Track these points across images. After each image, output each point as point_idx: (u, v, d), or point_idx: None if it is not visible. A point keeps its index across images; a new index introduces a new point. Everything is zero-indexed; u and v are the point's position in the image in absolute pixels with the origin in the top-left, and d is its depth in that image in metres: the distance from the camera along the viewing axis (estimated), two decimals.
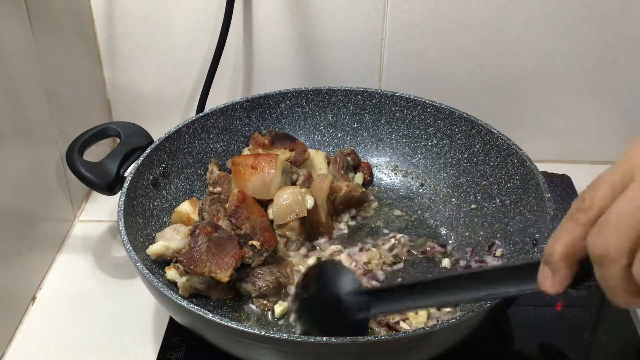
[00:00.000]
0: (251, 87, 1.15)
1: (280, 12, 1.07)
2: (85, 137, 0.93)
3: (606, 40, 1.06)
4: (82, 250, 1.01)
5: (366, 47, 1.10)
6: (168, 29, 1.09)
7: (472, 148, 1.00)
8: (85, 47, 1.09)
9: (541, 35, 1.07)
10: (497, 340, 0.84)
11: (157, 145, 0.94)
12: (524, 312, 0.87)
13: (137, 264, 0.76)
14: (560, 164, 1.15)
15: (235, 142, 1.06)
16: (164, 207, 0.95)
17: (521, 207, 0.90)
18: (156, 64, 1.13)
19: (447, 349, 0.73)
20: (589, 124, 1.15)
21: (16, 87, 0.87)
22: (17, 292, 0.89)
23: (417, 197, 1.04)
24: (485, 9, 1.05)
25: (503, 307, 0.76)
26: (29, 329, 0.88)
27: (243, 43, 1.11)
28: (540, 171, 0.88)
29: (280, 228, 0.91)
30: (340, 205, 0.98)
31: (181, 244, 0.87)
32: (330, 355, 0.70)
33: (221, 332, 0.71)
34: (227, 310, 0.86)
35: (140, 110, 1.17)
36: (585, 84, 1.11)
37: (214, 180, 0.96)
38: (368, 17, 1.07)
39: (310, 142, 1.09)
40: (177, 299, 0.71)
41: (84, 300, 0.92)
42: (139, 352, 0.84)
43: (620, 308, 0.61)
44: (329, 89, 1.07)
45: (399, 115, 1.06)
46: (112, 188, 0.90)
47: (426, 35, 1.07)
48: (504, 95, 1.13)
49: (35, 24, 0.91)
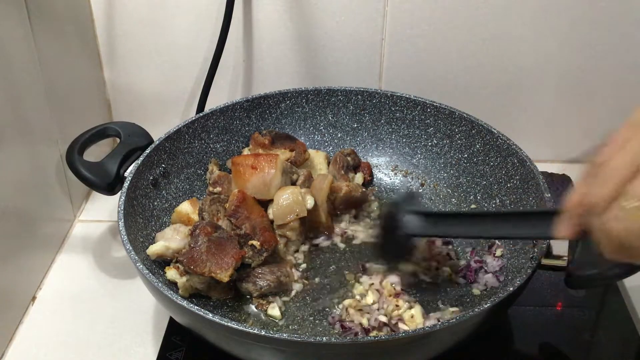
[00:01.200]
0: (251, 87, 1.15)
1: (280, 12, 1.07)
2: (85, 137, 0.93)
3: (606, 40, 1.06)
4: (82, 250, 1.01)
5: (366, 47, 1.10)
6: (168, 29, 1.09)
7: (472, 148, 1.00)
8: (85, 47, 1.09)
9: (541, 35, 1.07)
10: (497, 340, 0.84)
11: (157, 145, 0.94)
12: (524, 312, 0.87)
13: (137, 264, 0.76)
14: (560, 164, 1.15)
15: (235, 142, 1.06)
16: (164, 207, 0.95)
17: (521, 207, 0.90)
18: (156, 64, 1.13)
19: (447, 349, 0.73)
20: (589, 124, 1.15)
21: (16, 87, 0.87)
22: (17, 292, 0.89)
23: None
24: (485, 9, 1.05)
25: (503, 307, 0.76)
26: (29, 329, 0.88)
27: (243, 43, 1.11)
28: (540, 171, 0.88)
29: (280, 228, 0.91)
30: (340, 206, 0.98)
31: (181, 244, 0.87)
32: (330, 355, 0.70)
33: (221, 332, 0.71)
34: (227, 310, 0.86)
35: (140, 110, 1.17)
36: (585, 84, 1.11)
37: (214, 180, 0.96)
38: (368, 17, 1.07)
39: (310, 142, 1.09)
40: (177, 299, 0.71)
41: (84, 300, 0.92)
42: (139, 352, 0.84)
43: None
44: (329, 89, 1.07)
45: (399, 115, 1.06)
46: (112, 188, 0.90)
47: (426, 35, 1.08)
48: (504, 95, 1.13)
49: (35, 24, 0.91)
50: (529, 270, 0.74)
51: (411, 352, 0.72)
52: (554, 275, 0.82)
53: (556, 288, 0.91)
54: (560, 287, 0.90)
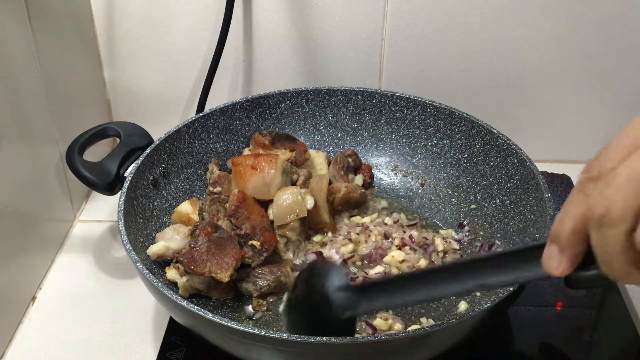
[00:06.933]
0: (251, 87, 1.15)
1: (280, 12, 1.07)
2: (85, 137, 0.93)
3: (606, 40, 1.06)
4: (82, 250, 1.01)
5: (366, 47, 1.10)
6: (168, 29, 1.09)
7: (472, 148, 1.00)
8: (85, 47, 1.09)
9: (541, 35, 1.07)
10: (497, 340, 0.84)
11: (157, 145, 0.94)
12: (524, 312, 0.87)
13: (137, 264, 0.76)
14: (560, 164, 1.15)
15: (235, 142, 1.06)
16: (164, 207, 0.95)
17: (521, 207, 0.90)
18: (156, 64, 1.13)
19: (447, 349, 0.73)
20: (589, 124, 1.15)
21: (16, 87, 0.87)
22: (17, 292, 0.89)
23: (417, 197, 1.04)
24: (485, 9, 1.05)
25: (503, 307, 0.76)
26: (29, 329, 0.88)
27: (243, 43, 1.11)
28: (540, 171, 0.88)
29: (280, 228, 0.91)
30: (339, 206, 0.98)
31: (181, 244, 0.87)
32: (330, 355, 0.70)
33: (221, 332, 0.71)
34: (227, 310, 0.86)
35: (140, 110, 1.17)
36: (585, 84, 1.11)
37: (214, 180, 0.96)
38: (368, 17, 1.07)
39: (310, 142, 1.09)
40: (177, 299, 0.71)
41: (84, 300, 0.92)
42: (139, 352, 0.84)
43: (615, 282, 0.56)
44: (329, 89, 1.07)
45: (399, 115, 1.06)
46: (112, 188, 0.90)
47: (426, 35, 1.08)
48: (504, 95, 1.13)
49: (35, 24, 0.91)
50: None
51: (411, 352, 0.72)
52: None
53: (556, 288, 0.91)
54: (560, 287, 0.90)
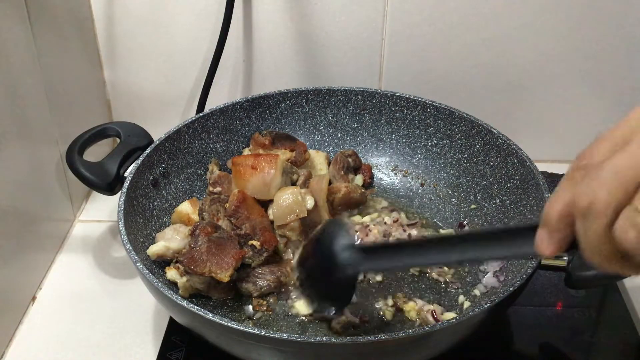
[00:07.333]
0: (251, 87, 1.15)
1: (280, 12, 1.07)
2: (85, 137, 0.93)
3: (606, 40, 1.06)
4: (82, 250, 1.01)
5: (366, 47, 1.10)
6: (168, 29, 1.09)
7: (472, 148, 1.00)
8: (85, 47, 1.09)
9: (541, 35, 1.07)
10: (497, 340, 0.84)
11: (157, 145, 0.94)
12: (524, 312, 0.87)
13: (137, 264, 0.76)
14: (560, 164, 1.15)
15: (235, 142, 1.06)
16: (164, 207, 0.95)
17: (521, 207, 0.90)
18: (156, 64, 1.13)
19: (447, 349, 0.73)
20: (589, 124, 1.14)
21: (16, 87, 0.87)
22: (17, 292, 0.89)
23: (417, 197, 1.04)
24: (485, 9, 1.05)
25: (503, 307, 0.76)
26: (29, 329, 0.88)
27: (243, 43, 1.11)
28: (540, 171, 0.88)
29: (280, 228, 0.91)
30: (339, 206, 0.98)
31: (181, 244, 0.87)
32: (330, 355, 0.70)
33: (221, 332, 0.71)
34: (227, 310, 0.86)
35: (140, 110, 1.17)
36: (585, 84, 1.11)
37: (214, 180, 0.96)
38: (368, 17, 1.07)
39: (310, 142, 1.09)
40: (177, 299, 0.71)
41: (84, 300, 0.92)
42: (139, 352, 0.84)
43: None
44: (329, 89, 1.07)
45: (399, 115, 1.06)
46: (112, 188, 0.90)
47: (426, 35, 1.08)
48: (504, 95, 1.13)
49: (35, 24, 0.91)
50: (529, 270, 0.74)
51: (411, 352, 0.72)
52: (554, 275, 0.82)
53: (556, 288, 0.91)
54: (560, 287, 0.90)
